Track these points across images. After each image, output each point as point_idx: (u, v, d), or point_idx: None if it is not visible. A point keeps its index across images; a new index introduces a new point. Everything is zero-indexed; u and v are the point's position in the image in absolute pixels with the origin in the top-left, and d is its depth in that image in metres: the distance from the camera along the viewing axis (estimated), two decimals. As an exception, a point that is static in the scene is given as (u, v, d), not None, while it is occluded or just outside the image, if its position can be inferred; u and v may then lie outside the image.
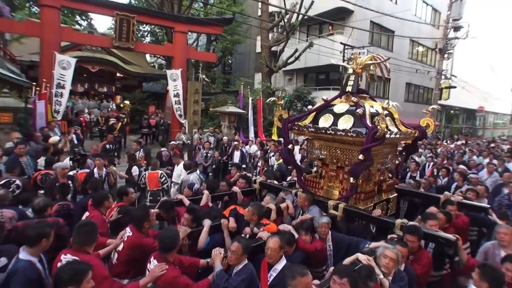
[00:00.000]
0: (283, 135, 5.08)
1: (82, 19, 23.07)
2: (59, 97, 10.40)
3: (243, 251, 2.92)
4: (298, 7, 15.64)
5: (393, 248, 2.97)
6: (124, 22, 11.61)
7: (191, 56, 14.92)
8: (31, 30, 10.82)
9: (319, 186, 4.94)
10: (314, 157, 5.07)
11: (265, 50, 17.20)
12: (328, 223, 3.75)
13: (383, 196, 4.89)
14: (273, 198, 4.82)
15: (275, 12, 19.09)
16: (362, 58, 4.80)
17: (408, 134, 4.70)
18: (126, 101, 17.12)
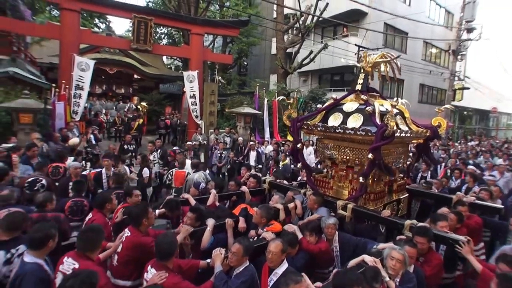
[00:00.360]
0: (292, 134, 4.91)
1: (100, 22, 23.02)
2: (78, 98, 10.21)
3: (244, 252, 2.78)
4: (313, 9, 15.25)
5: (399, 249, 2.83)
6: (141, 25, 11.35)
7: (207, 58, 14.57)
8: (51, 33, 10.64)
9: (328, 186, 4.81)
10: (323, 156, 4.89)
11: (280, 52, 16.79)
12: (335, 224, 3.60)
13: (393, 197, 4.75)
14: (281, 197, 4.69)
15: (290, 14, 18.66)
16: (372, 56, 4.61)
17: (419, 133, 4.56)
18: (143, 102, 16.90)
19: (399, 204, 4.79)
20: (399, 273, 2.77)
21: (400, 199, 4.83)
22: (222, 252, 2.93)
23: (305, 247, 3.36)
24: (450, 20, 24.64)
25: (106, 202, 3.75)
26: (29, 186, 4.47)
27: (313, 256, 3.36)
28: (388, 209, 4.29)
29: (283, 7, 16.31)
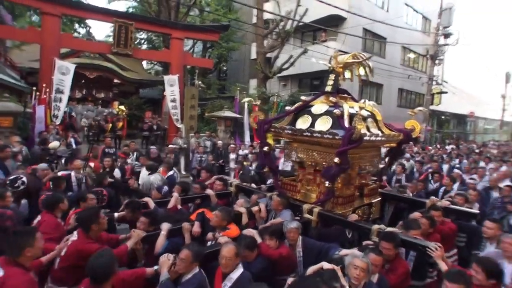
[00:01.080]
0: (259, 137, 4.85)
1: (80, 27, 23.39)
2: (58, 102, 10.65)
3: (193, 258, 2.73)
4: (293, 14, 16.01)
5: (363, 256, 2.76)
6: (122, 29, 11.88)
7: (187, 62, 15.21)
8: (32, 37, 11.15)
9: (296, 190, 4.78)
10: (292, 160, 4.93)
11: (260, 57, 17.50)
12: (298, 228, 3.54)
13: (365, 201, 4.74)
14: (246, 201, 4.74)
15: (270, 20, 19.46)
16: (342, 57, 4.55)
17: (391, 137, 4.52)
18: (121, 106, 17.35)
19: (370, 208, 4.79)
20: (361, 283, 2.69)
21: (372, 203, 4.81)
22: (170, 259, 2.83)
23: (264, 251, 3.29)
24: (428, 26, 25.92)
25: (58, 202, 3.65)
26: (10, 183, 4.52)
27: (273, 262, 3.30)
28: (359, 213, 4.41)
29: (263, 12, 17.10)
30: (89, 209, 3.38)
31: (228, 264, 2.79)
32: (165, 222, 3.61)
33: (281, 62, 17.42)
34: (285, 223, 3.64)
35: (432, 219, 3.97)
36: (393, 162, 5.54)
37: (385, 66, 20.61)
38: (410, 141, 5.11)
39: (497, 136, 36.91)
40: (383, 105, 21.75)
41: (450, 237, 4.25)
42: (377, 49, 22.24)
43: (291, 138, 4.64)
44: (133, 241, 3.26)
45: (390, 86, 22.69)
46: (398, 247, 3.24)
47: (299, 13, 15.84)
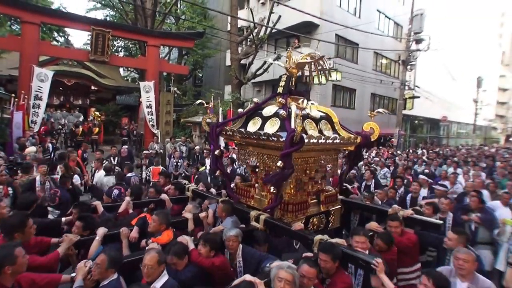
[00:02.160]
0: (211, 140, 4.85)
1: (59, 35, 24.32)
2: (37, 108, 11.35)
3: (108, 264, 2.67)
4: (266, 21, 16.88)
5: (288, 267, 2.66)
6: (99, 37, 12.70)
7: (163, 68, 16.14)
8: (12, 45, 11.94)
9: (249, 195, 4.74)
10: (244, 164, 4.98)
11: (234, 63, 18.28)
12: (237, 236, 3.48)
13: (321, 208, 4.61)
14: (195, 206, 4.74)
15: (244, 27, 20.44)
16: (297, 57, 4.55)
17: (347, 140, 4.44)
18: (96, 112, 18.17)
19: (328, 216, 4.67)
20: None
21: (330, 211, 4.69)
22: (88, 265, 2.76)
23: (194, 259, 3.20)
24: (399, 32, 27.16)
25: None
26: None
27: (205, 271, 3.20)
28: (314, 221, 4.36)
29: (237, 20, 17.97)
30: (15, 216, 3.21)
31: (150, 273, 2.74)
32: (103, 226, 3.58)
33: (255, 68, 18.20)
34: (224, 230, 3.59)
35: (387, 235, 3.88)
36: (352, 166, 5.42)
37: (357, 71, 21.53)
38: (369, 145, 4.84)
39: (471, 140, 38.31)
40: (356, 109, 22.91)
41: (410, 250, 4.03)
42: (350, 54, 23.14)
43: (243, 141, 4.60)
44: (64, 246, 3.19)
45: (363, 91, 23.75)
46: (336, 260, 3.10)
47: (272, 20, 16.62)
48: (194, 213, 4.43)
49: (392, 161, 12.23)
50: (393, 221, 4.13)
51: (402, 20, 25.73)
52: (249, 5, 21.99)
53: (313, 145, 4.03)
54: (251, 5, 21.60)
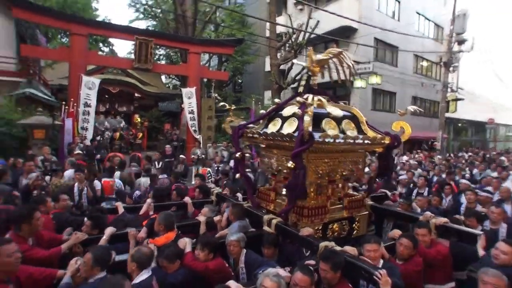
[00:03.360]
0: (233, 143, 4.63)
1: (104, 46, 25.04)
2: (87, 115, 11.46)
3: (94, 262, 2.57)
4: (305, 26, 16.51)
5: (273, 276, 2.46)
6: (143, 45, 12.66)
7: (204, 75, 15.96)
8: (62, 56, 12.13)
9: (269, 199, 4.44)
10: (264, 166, 4.61)
11: (274, 68, 18.02)
12: (239, 241, 3.30)
13: (344, 214, 4.20)
14: (211, 210, 4.61)
15: (283, 33, 20.10)
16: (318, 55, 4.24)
17: (372, 140, 3.97)
18: (138, 118, 18.40)
19: (352, 223, 4.24)
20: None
21: (354, 217, 4.26)
22: (78, 263, 2.71)
23: (187, 263, 3.07)
24: (440, 33, 25.96)
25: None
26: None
27: (199, 275, 3.04)
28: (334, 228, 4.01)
29: (275, 26, 17.75)
30: (22, 207, 3.32)
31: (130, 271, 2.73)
32: (114, 226, 3.57)
33: (295, 73, 17.85)
34: (228, 235, 3.47)
35: (413, 238, 3.35)
36: (382, 170, 4.73)
37: (398, 74, 20.86)
38: (398, 145, 4.36)
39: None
40: (397, 113, 21.78)
41: (440, 263, 3.44)
42: (389, 58, 22.34)
43: (265, 143, 4.36)
44: (69, 243, 3.20)
45: (404, 94, 22.67)
46: (337, 269, 2.73)
47: (310, 25, 16.28)
48: (208, 217, 4.32)
49: (432, 165, 11.35)
50: (420, 228, 3.61)
51: (443, 21, 24.44)
52: (287, 11, 21.66)
53: (331, 146, 3.66)
54: (289, 11, 21.24)
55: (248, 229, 4.02)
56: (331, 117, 3.79)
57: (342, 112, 4.05)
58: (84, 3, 21.87)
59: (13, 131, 9.63)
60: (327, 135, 3.49)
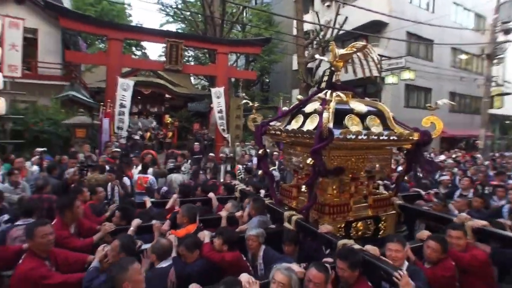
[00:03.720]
0: (256, 140, 4.69)
1: (137, 50, 26.87)
2: (122, 115, 12.33)
3: (120, 249, 2.82)
4: (332, 23, 16.56)
5: (285, 269, 2.51)
6: (173, 48, 13.36)
7: (232, 74, 16.58)
8: (100, 60, 13.27)
9: (292, 196, 4.50)
10: (288, 164, 4.69)
11: (301, 66, 18.13)
12: (257, 236, 3.40)
13: (369, 213, 4.16)
14: (234, 205, 4.74)
15: (310, 30, 20.26)
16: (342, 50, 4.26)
17: (398, 136, 3.88)
18: (168, 118, 19.40)
19: (378, 222, 4.15)
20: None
21: (380, 216, 4.17)
22: (106, 249, 2.97)
23: (205, 253, 3.18)
24: (482, 23, 24.94)
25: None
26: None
27: (216, 266, 3.14)
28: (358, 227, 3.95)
29: (303, 24, 17.91)
30: (65, 197, 3.76)
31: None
32: (139, 219, 3.84)
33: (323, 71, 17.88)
34: (247, 230, 3.58)
35: (442, 240, 3.18)
36: (410, 168, 4.61)
37: (432, 69, 20.18)
38: (429, 142, 4.20)
39: None
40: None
41: (478, 271, 3.15)
42: (423, 52, 21.82)
43: (286, 140, 4.43)
44: (100, 234, 3.55)
45: (440, 89, 21.94)
46: (354, 268, 2.70)
47: (338, 22, 16.24)
48: (230, 212, 4.45)
49: (471, 164, 11.09)
50: (454, 230, 3.37)
51: (485, 10, 23.32)
52: (314, 8, 21.87)
53: (354, 142, 3.62)
54: (316, 8, 21.45)
55: (269, 225, 4.13)
56: (355, 113, 3.82)
57: (367, 108, 4.03)
58: (119, 10, 23.64)
59: (59, 131, 10.82)
60: (348, 131, 3.49)
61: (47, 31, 14.14)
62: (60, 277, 2.75)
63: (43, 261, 2.82)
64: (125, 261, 2.40)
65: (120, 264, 2.37)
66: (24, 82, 11.22)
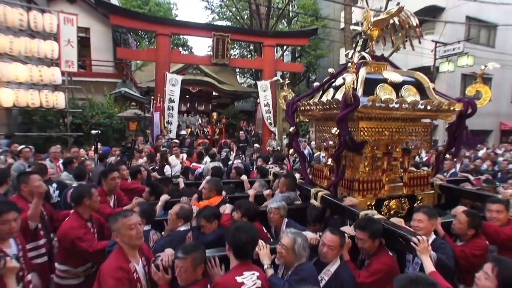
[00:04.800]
0: (287, 118, 4.44)
1: (184, 50, 27.62)
2: (171, 110, 12.64)
3: (140, 214, 2.97)
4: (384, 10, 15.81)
5: (291, 233, 2.49)
6: (220, 42, 13.49)
7: (279, 67, 16.29)
8: (150, 56, 13.57)
9: (323, 176, 4.25)
10: (319, 141, 4.43)
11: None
12: (279, 209, 3.37)
13: (404, 191, 3.88)
14: (261, 185, 4.78)
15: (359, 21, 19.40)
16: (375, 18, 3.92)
17: (437, 106, 3.51)
18: (214, 116, 19.67)
19: (413, 202, 3.88)
20: (283, 261, 2.48)
21: (416, 195, 3.92)
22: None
23: (222, 223, 3.24)
24: None
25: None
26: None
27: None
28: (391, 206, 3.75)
29: (351, 15, 17.25)
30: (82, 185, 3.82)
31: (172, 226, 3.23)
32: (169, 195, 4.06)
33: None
34: (269, 203, 3.58)
35: (473, 215, 2.96)
36: (453, 142, 4.16)
37: (494, 55, 18.26)
38: (473, 113, 3.76)
39: None
40: (493, 101, 19.03)
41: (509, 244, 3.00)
42: (485, 38, 19.91)
43: (317, 116, 4.21)
44: (130, 205, 3.75)
45: (502, 79, 19.78)
46: (374, 238, 2.65)
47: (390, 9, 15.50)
48: (258, 191, 4.45)
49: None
50: (493, 203, 3.17)
51: None
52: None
53: (385, 112, 3.39)
54: (366, -3, 20.40)
55: (295, 201, 4.07)
56: (388, 82, 3.57)
57: (402, 78, 3.74)
58: (166, 9, 24.49)
59: (113, 123, 11.26)
60: (377, 98, 3.21)
61: (99, 30, 14.69)
62: (89, 245, 2.91)
63: (85, 222, 3.09)
64: (121, 213, 2.45)
65: (115, 215, 2.43)
66: (80, 80, 11.70)
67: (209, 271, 2.42)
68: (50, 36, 9.41)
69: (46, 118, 10.47)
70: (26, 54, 8.88)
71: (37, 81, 9.00)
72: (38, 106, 9.10)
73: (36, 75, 8.92)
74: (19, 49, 8.61)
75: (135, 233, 2.37)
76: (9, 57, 8.65)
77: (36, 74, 8.92)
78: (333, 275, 2.54)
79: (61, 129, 10.61)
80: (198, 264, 2.26)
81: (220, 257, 2.49)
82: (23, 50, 8.69)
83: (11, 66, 8.56)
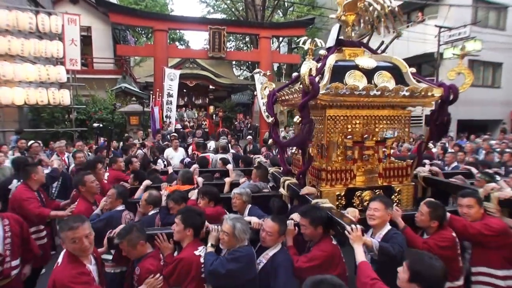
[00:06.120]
0: (268, 110, 4.65)
1: (181, 44, 29.52)
2: (170, 104, 14.17)
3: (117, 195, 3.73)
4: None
5: (230, 219, 2.79)
6: (216, 35, 14.97)
7: (275, 59, 17.85)
8: (148, 51, 15.28)
9: (299, 165, 4.39)
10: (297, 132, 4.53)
11: (347, 47, 18.75)
12: (241, 195, 3.76)
13: (379, 182, 3.97)
14: (238, 174, 5.42)
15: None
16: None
17: (411, 92, 3.61)
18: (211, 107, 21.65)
19: (390, 194, 3.86)
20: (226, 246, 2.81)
21: (393, 187, 3.96)
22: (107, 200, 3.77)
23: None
24: None
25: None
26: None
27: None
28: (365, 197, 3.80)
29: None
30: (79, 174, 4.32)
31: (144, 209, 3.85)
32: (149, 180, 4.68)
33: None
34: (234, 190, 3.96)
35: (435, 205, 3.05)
36: (434, 131, 4.16)
37: (504, 39, 18.33)
38: (455, 99, 3.77)
39: None
40: (503, 88, 19.72)
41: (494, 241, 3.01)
42: (494, 20, 19.55)
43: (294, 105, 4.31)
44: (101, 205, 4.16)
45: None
46: (315, 225, 2.87)
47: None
48: (234, 179, 5.11)
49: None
50: (464, 197, 3.20)
51: None
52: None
53: (352, 99, 3.57)
54: (365, -18, 21.40)
55: (262, 190, 4.44)
56: (359, 68, 3.68)
57: (376, 63, 3.79)
58: (161, 4, 26.33)
59: (115, 118, 12.87)
60: (339, 85, 3.34)
61: (100, 28, 16.62)
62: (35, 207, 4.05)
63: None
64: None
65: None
66: (83, 77, 13.35)
67: (159, 245, 2.91)
68: (55, 36, 11.05)
69: (53, 115, 12.21)
70: (35, 55, 10.54)
71: (45, 80, 10.70)
72: (46, 103, 10.81)
73: (44, 74, 10.61)
74: (29, 50, 10.27)
75: (79, 247, 2.40)
76: (21, 58, 10.32)
77: (44, 73, 10.62)
78: (270, 259, 2.84)
79: (67, 124, 12.31)
80: (136, 243, 2.74)
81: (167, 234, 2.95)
82: (32, 51, 10.35)
83: (22, 67, 10.25)
